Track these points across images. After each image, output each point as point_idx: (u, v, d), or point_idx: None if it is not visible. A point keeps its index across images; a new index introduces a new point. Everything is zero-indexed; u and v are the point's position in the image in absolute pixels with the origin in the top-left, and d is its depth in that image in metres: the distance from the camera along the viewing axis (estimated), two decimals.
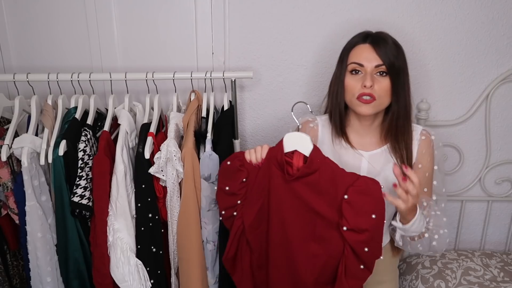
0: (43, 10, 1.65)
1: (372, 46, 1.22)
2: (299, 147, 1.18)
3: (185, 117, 1.47)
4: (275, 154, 1.18)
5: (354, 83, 1.23)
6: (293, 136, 1.19)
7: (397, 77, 1.23)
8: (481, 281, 1.62)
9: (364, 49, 1.23)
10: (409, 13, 1.60)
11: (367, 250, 1.12)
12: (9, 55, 1.70)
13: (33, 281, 1.46)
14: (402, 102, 1.25)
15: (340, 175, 1.15)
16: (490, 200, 1.84)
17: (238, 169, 1.22)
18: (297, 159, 1.18)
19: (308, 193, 1.17)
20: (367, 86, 1.20)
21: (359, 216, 1.12)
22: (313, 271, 1.21)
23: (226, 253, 1.29)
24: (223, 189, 1.25)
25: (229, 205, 1.26)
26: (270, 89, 1.72)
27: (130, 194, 1.41)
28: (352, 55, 1.25)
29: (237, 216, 1.26)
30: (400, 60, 1.24)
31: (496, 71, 1.67)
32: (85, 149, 1.39)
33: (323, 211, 1.16)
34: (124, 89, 1.53)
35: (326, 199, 1.15)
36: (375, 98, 1.21)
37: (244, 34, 1.65)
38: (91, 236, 1.44)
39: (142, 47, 1.69)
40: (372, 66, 1.21)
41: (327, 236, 1.17)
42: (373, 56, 1.21)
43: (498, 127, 1.75)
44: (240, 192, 1.24)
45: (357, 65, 1.23)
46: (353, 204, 1.12)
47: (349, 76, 1.25)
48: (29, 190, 1.36)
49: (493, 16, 1.60)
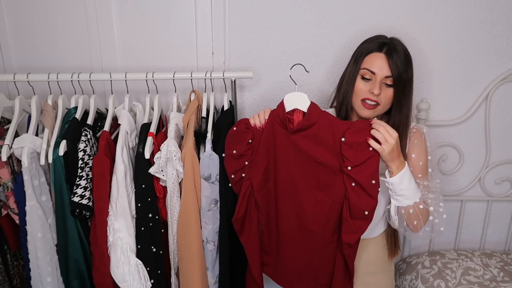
0: (43, 10, 1.65)
1: (386, 57, 1.28)
2: (298, 105, 1.27)
3: (185, 117, 1.47)
4: (277, 113, 1.28)
5: (362, 87, 1.31)
6: (293, 96, 1.27)
7: (403, 89, 1.30)
8: (481, 281, 1.62)
9: (378, 58, 1.29)
10: (409, 13, 1.60)
11: (374, 182, 1.20)
12: (9, 55, 1.70)
13: (33, 281, 1.46)
14: (404, 112, 1.33)
15: (336, 124, 1.24)
16: (490, 200, 1.84)
17: (244, 131, 1.30)
18: (297, 115, 1.27)
19: (309, 144, 1.26)
20: (375, 94, 1.28)
21: (358, 151, 1.20)
22: (320, 218, 1.29)
23: (236, 214, 1.35)
24: (230, 153, 1.32)
25: (237, 167, 1.33)
26: (270, 89, 1.72)
27: (130, 194, 1.41)
28: (367, 61, 1.30)
29: (245, 177, 1.33)
30: (409, 73, 1.31)
31: (496, 71, 1.67)
32: (85, 149, 1.39)
33: (324, 159, 1.25)
34: (124, 89, 1.53)
35: (326, 148, 1.24)
36: (380, 104, 1.29)
37: (244, 34, 1.65)
38: (91, 236, 1.44)
39: (142, 47, 1.69)
40: (383, 75, 1.28)
41: (330, 183, 1.26)
42: (385, 66, 1.28)
43: (498, 127, 1.75)
44: (248, 153, 1.31)
45: (370, 72, 1.29)
46: (350, 143, 1.21)
47: (359, 80, 1.31)
48: (29, 190, 1.36)
49: (493, 16, 1.60)
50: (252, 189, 1.33)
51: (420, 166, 1.34)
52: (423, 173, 1.34)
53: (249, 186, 1.33)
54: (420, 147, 1.35)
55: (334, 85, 1.56)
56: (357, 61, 1.33)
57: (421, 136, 1.37)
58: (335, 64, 1.66)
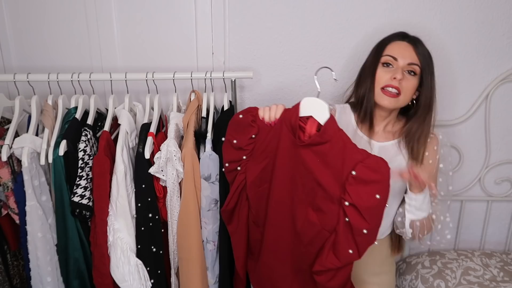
0: (43, 10, 1.65)
1: (411, 44, 1.27)
2: (315, 114, 1.15)
3: (185, 117, 1.47)
4: (290, 116, 1.17)
5: (383, 74, 1.26)
6: (312, 102, 1.15)
7: (431, 78, 1.27)
8: (481, 281, 1.62)
9: (401, 45, 1.28)
10: (409, 13, 1.60)
11: (366, 232, 1.10)
12: (9, 55, 1.70)
13: (33, 281, 1.46)
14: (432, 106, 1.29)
15: (351, 150, 1.12)
16: (490, 200, 1.84)
17: (250, 124, 1.20)
18: (310, 125, 1.15)
19: (315, 162, 1.15)
20: (397, 79, 1.23)
21: (363, 193, 1.09)
22: (307, 235, 1.21)
23: (225, 205, 1.30)
24: (230, 141, 1.24)
25: (234, 158, 1.26)
26: (270, 89, 1.72)
27: (130, 194, 1.41)
28: (389, 48, 1.28)
29: (241, 171, 1.26)
30: (432, 66, 1.29)
31: (496, 71, 1.67)
32: (85, 149, 1.39)
33: (326, 184, 1.14)
34: (124, 89, 1.53)
35: (331, 172, 1.13)
36: (401, 93, 1.25)
37: (244, 34, 1.65)
38: (91, 236, 1.44)
39: (142, 47, 1.69)
40: (405, 62, 1.25)
41: (324, 208, 1.16)
42: (409, 54, 1.25)
43: (498, 127, 1.74)
44: (248, 148, 1.23)
45: (391, 58, 1.26)
46: (359, 180, 1.09)
47: (380, 67, 1.28)
48: (29, 190, 1.36)
49: (493, 16, 1.60)
50: (245, 183, 1.27)
51: (433, 173, 1.33)
52: (434, 181, 1.33)
53: (243, 181, 1.27)
54: (437, 154, 1.34)
55: (334, 84, 1.56)
56: (378, 51, 1.30)
57: (437, 143, 1.35)
58: (335, 64, 1.66)
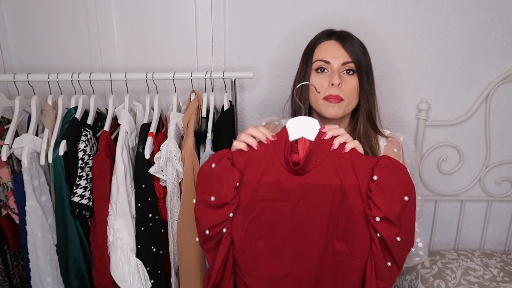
0: (43, 10, 1.65)
1: (339, 42, 1.16)
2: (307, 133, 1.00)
3: (185, 117, 1.47)
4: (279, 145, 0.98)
5: (320, 82, 1.15)
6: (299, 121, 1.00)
7: (366, 75, 1.17)
8: (481, 281, 1.62)
9: (330, 45, 1.17)
10: (409, 13, 1.60)
11: (400, 239, 0.94)
12: (9, 55, 1.70)
13: (33, 281, 1.46)
14: (372, 102, 1.20)
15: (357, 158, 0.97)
16: (490, 200, 1.84)
17: (229, 169, 0.96)
18: (302, 145, 1.00)
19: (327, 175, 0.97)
20: (335, 84, 1.12)
21: (390, 200, 0.93)
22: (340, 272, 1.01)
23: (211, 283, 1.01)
24: (206, 200, 0.96)
25: (216, 221, 0.97)
26: (270, 89, 1.72)
27: (130, 194, 1.41)
28: (317, 52, 1.18)
29: (227, 233, 0.97)
30: (367, 58, 1.19)
31: (496, 71, 1.67)
32: (85, 149, 1.39)
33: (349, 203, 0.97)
34: (124, 89, 1.53)
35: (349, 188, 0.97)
36: (343, 99, 1.14)
37: (244, 34, 1.65)
38: (91, 236, 1.44)
39: (142, 47, 1.69)
40: (339, 63, 1.15)
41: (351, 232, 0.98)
42: (340, 53, 1.15)
43: (498, 127, 1.75)
44: (234, 201, 0.96)
45: (323, 62, 1.16)
46: (384, 186, 0.93)
47: (315, 74, 1.17)
48: (29, 190, 1.36)
49: (493, 16, 1.60)
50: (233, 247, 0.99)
51: None
52: None
53: (230, 245, 0.98)
54: (398, 157, 1.20)
55: None
56: (306, 58, 1.19)
57: (399, 145, 1.23)
58: None
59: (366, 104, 1.19)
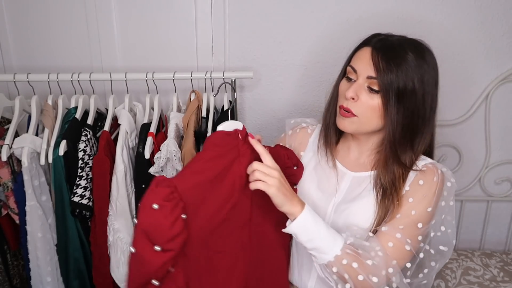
0: (43, 10, 1.65)
1: (373, 50, 0.98)
2: None
3: (185, 117, 1.47)
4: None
5: (343, 90, 1.03)
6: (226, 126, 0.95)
7: (398, 98, 0.96)
8: (481, 281, 1.63)
9: (364, 52, 1.00)
10: (409, 13, 1.60)
11: None
12: (9, 55, 1.70)
13: (33, 281, 1.46)
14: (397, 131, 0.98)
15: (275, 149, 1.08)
16: (490, 200, 1.84)
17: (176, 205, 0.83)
18: None
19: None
20: (347, 97, 0.99)
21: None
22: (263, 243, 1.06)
23: None
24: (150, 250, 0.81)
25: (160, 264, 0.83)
26: (270, 89, 1.72)
27: (130, 194, 1.41)
28: (355, 56, 1.04)
29: (176, 270, 0.86)
30: (408, 79, 0.95)
31: (496, 71, 1.67)
32: (85, 149, 1.39)
33: None
34: (124, 89, 1.53)
35: None
36: (355, 115, 1.00)
37: (244, 34, 1.65)
38: (91, 236, 1.44)
39: (142, 47, 1.69)
40: (365, 76, 0.98)
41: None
42: (369, 65, 0.97)
43: (498, 127, 1.75)
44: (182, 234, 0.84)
45: (351, 69, 1.01)
46: None
47: (343, 80, 1.05)
48: (29, 190, 1.36)
49: (493, 16, 1.60)
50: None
51: (409, 216, 0.98)
52: (407, 227, 0.97)
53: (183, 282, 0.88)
54: (426, 191, 1.00)
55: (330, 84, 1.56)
56: (347, 59, 1.07)
57: (433, 178, 1.00)
58: (335, 64, 1.66)
59: (389, 131, 0.99)
